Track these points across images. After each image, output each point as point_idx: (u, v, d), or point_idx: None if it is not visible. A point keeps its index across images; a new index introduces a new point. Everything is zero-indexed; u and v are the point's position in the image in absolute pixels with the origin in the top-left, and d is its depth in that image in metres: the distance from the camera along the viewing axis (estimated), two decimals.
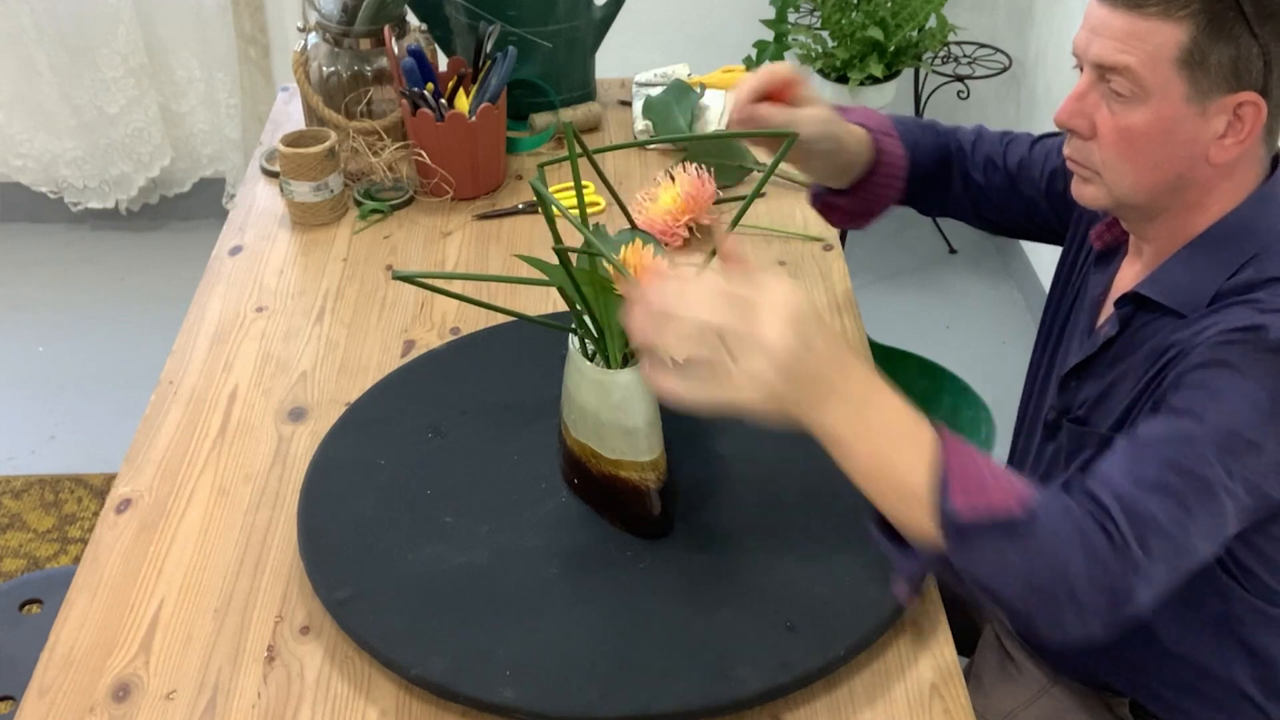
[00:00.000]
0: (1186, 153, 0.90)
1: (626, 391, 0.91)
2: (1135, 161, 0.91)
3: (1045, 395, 1.11)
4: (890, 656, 0.89)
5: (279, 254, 1.37)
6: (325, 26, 1.46)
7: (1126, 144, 0.90)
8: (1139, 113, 0.89)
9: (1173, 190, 0.93)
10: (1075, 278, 1.12)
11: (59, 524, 2.12)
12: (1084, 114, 0.92)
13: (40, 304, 2.71)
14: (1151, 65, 0.87)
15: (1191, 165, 0.90)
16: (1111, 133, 0.91)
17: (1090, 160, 0.94)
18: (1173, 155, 0.90)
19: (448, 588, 0.92)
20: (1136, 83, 0.88)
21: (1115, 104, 0.90)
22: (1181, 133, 0.89)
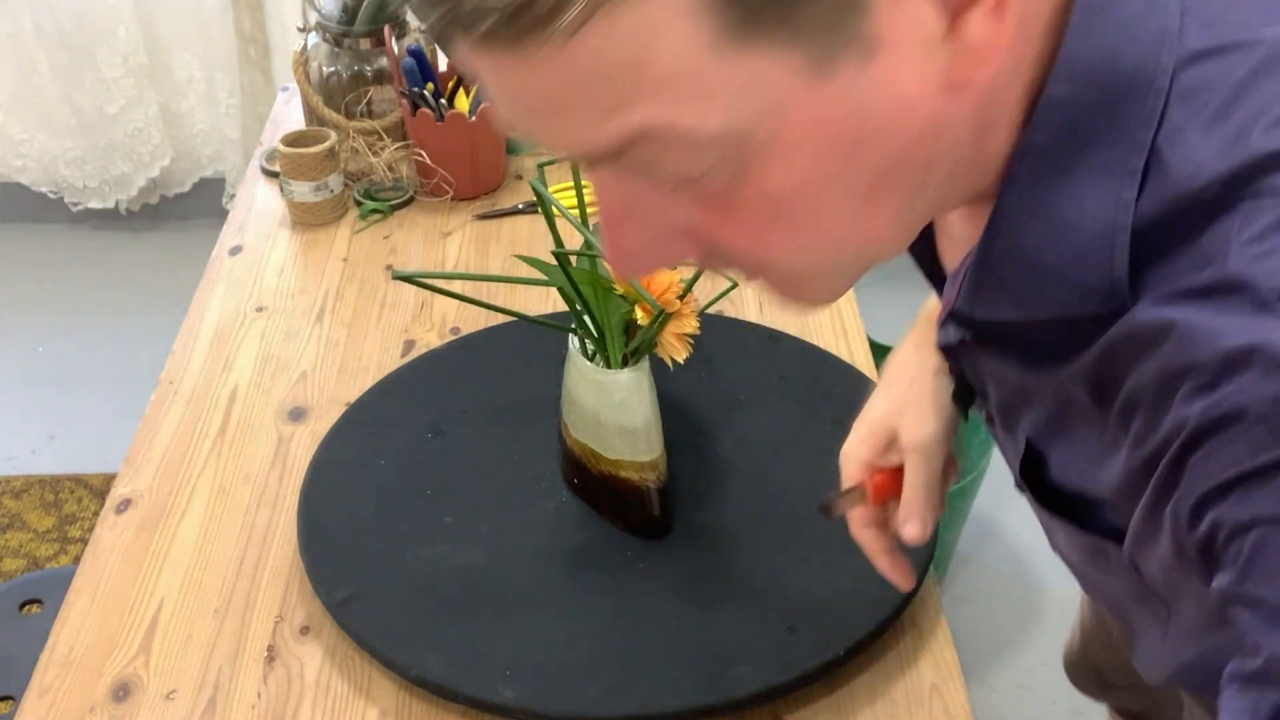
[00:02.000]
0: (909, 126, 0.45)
1: (626, 391, 0.91)
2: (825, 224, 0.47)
3: None
4: (890, 656, 0.89)
5: (279, 254, 1.37)
6: (325, 26, 1.46)
7: (786, 219, 0.46)
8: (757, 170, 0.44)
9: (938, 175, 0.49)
10: None
11: (59, 524, 2.12)
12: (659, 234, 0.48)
13: (40, 304, 2.71)
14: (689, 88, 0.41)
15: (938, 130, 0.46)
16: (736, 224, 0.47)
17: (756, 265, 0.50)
18: (885, 152, 0.45)
19: (448, 588, 0.92)
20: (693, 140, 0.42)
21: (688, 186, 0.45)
22: (860, 117, 0.43)
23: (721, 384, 1.11)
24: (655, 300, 0.87)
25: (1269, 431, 0.42)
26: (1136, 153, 0.47)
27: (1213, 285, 0.44)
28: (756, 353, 1.16)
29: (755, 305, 1.26)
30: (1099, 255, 0.48)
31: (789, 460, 1.02)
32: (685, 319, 0.90)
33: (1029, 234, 0.50)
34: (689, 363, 0.96)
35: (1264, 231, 0.43)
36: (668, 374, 1.02)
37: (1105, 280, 0.48)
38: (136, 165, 2.81)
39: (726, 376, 1.12)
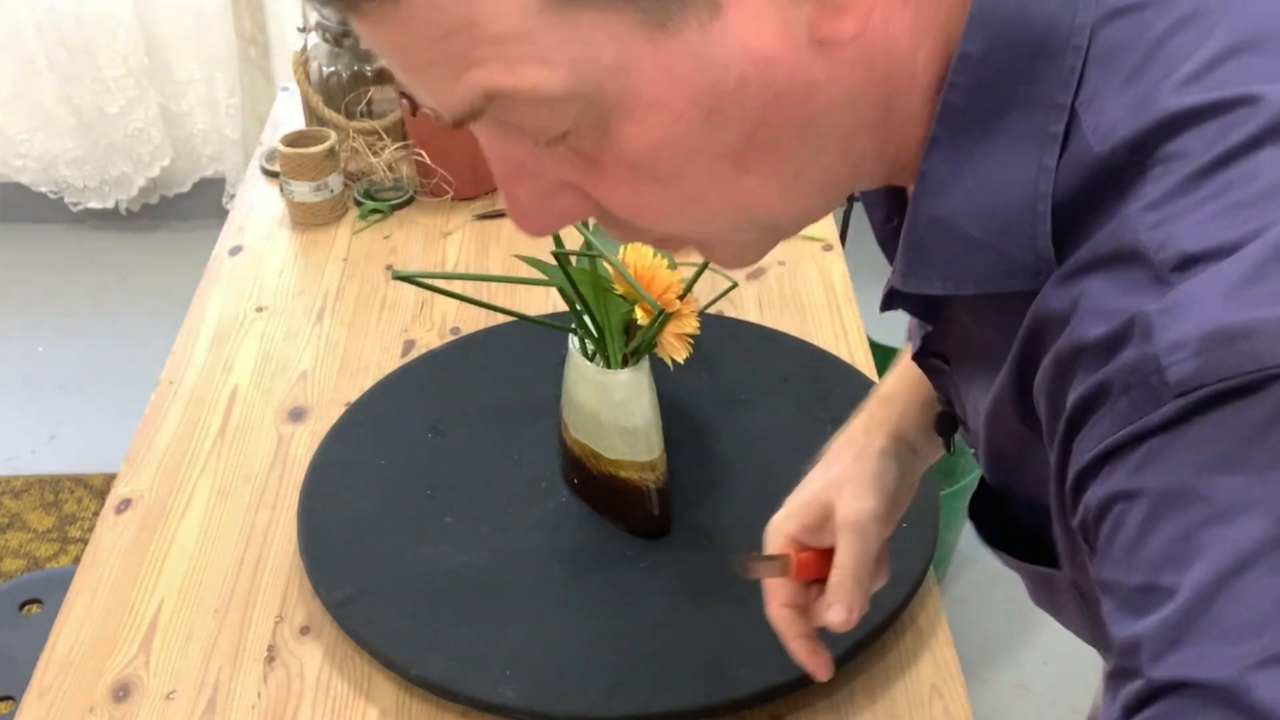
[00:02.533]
0: (769, 84, 0.43)
1: (626, 391, 0.91)
2: (695, 186, 0.46)
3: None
4: (890, 656, 0.89)
5: (279, 254, 1.37)
6: (325, 26, 1.46)
7: (654, 180, 0.45)
8: (611, 127, 0.44)
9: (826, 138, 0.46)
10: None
11: (59, 524, 2.12)
12: (546, 191, 0.48)
13: (40, 304, 2.71)
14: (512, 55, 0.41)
15: (806, 89, 0.44)
16: (610, 183, 0.46)
17: (640, 225, 0.49)
18: (746, 112, 0.44)
19: (448, 588, 0.92)
20: (532, 99, 0.42)
21: (558, 143, 0.45)
22: (713, 75, 0.42)
23: (721, 384, 1.11)
24: (655, 300, 0.87)
25: (1131, 402, 0.41)
26: (1055, 117, 0.45)
27: (1111, 257, 0.43)
28: (756, 353, 1.16)
29: (755, 305, 1.26)
30: (1021, 227, 0.46)
31: (789, 460, 1.02)
32: (685, 319, 0.90)
33: (952, 202, 0.48)
34: (689, 363, 0.96)
35: (1161, 198, 0.42)
36: (668, 374, 1.02)
37: (1029, 254, 0.46)
38: (136, 165, 2.81)
39: (726, 376, 1.12)
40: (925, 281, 0.51)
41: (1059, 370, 0.45)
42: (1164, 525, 0.39)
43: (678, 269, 0.89)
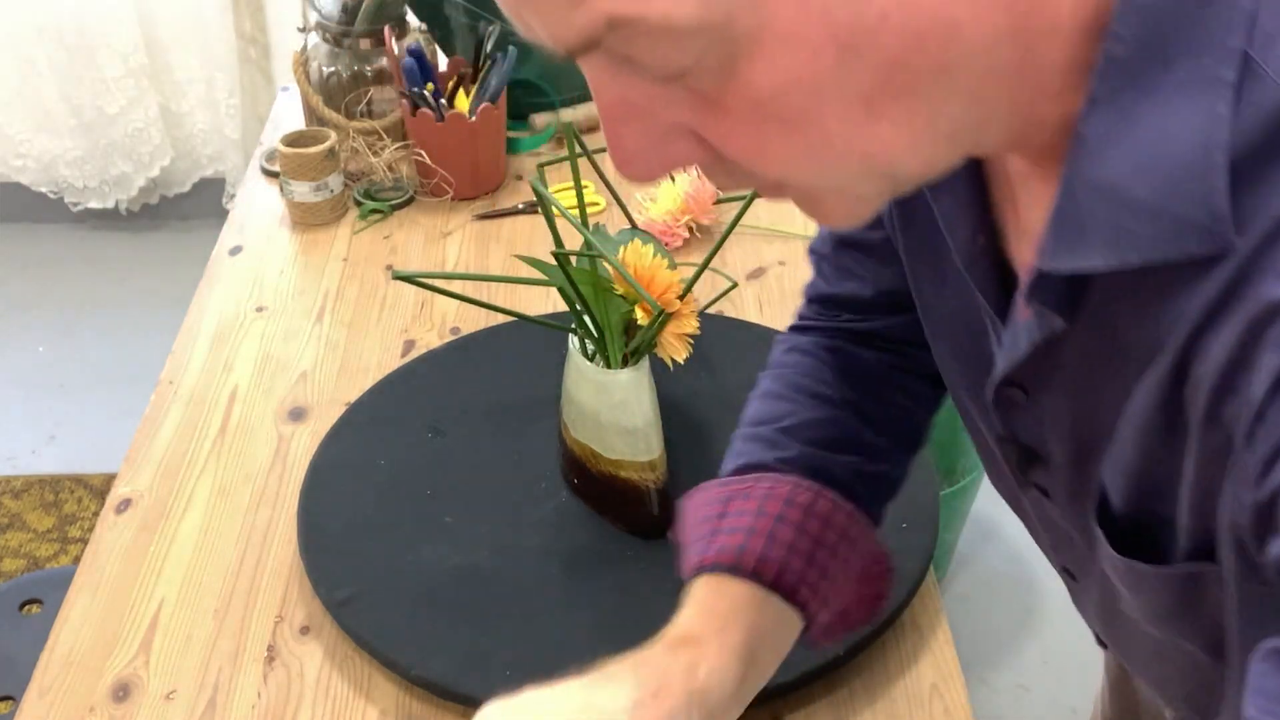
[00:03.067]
0: (911, 22, 0.40)
1: (626, 391, 0.91)
2: (823, 129, 0.43)
3: (979, 409, 0.65)
4: (890, 656, 0.89)
5: (279, 254, 1.37)
6: (325, 26, 1.46)
7: (780, 121, 0.43)
8: (745, 63, 0.41)
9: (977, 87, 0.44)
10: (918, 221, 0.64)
11: (59, 524, 2.12)
12: (659, 134, 0.46)
13: (40, 304, 2.71)
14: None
15: (949, 29, 0.41)
16: (730, 124, 0.44)
17: (758, 172, 0.46)
18: (885, 51, 0.41)
19: (448, 588, 0.92)
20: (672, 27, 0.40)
21: (675, 81, 0.43)
22: (854, 9, 0.40)
23: (721, 384, 1.11)
24: (655, 300, 0.87)
25: None
26: (1228, 61, 0.41)
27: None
28: (756, 353, 1.15)
29: (755, 305, 1.26)
30: (1194, 183, 0.42)
31: None
32: (685, 319, 0.90)
33: (1114, 164, 0.44)
34: (689, 363, 0.96)
35: None
36: (668, 374, 1.02)
37: (1203, 212, 0.42)
38: (136, 165, 2.81)
39: (726, 376, 1.12)
40: (1083, 255, 0.46)
41: (1255, 323, 0.40)
42: None
43: (678, 269, 0.89)
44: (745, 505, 0.71)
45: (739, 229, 1.36)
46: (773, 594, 0.69)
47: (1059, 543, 0.64)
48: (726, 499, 0.73)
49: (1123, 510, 0.53)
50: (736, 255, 1.33)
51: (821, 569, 0.70)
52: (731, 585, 0.69)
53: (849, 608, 0.73)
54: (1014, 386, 0.56)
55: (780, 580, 0.69)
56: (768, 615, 0.69)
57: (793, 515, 0.70)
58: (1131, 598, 0.57)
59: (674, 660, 0.65)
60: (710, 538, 0.71)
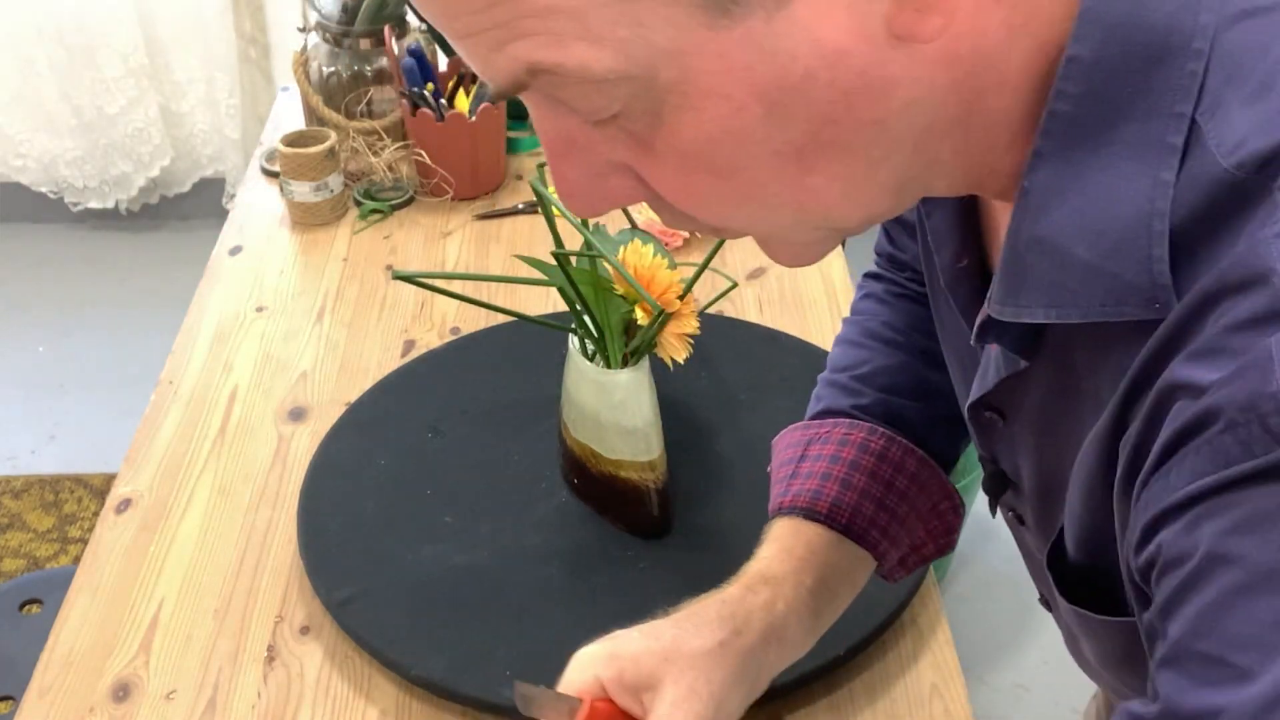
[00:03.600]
0: (839, 80, 0.40)
1: (626, 391, 0.91)
2: (753, 180, 0.43)
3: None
4: (890, 656, 0.89)
5: (279, 254, 1.37)
6: (325, 26, 1.46)
7: (709, 171, 0.43)
8: (669, 112, 0.41)
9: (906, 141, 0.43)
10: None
11: (59, 524, 2.12)
12: (597, 170, 0.46)
13: (40, 304, 2.71)
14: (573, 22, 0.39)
15: (881, 87, 0.41)
16: (662, 169, 0.44)
17: (692, 215, 0.46)
18: (813, 108, 0.41)
19: (448, 588, 0.92)
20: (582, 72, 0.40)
21: (609, 124, 0.43)
22: (778, 67, 0.39)
23: (721, 384, 1.11)
24: (655, 300, 0.87)
25: (1236, 441, 0.37)
26: (1175, 128, 0.41)
27: (1240, 284, 0.38)
28: (756, 353, 1.16)
29: (755, 305, 1.26)
30: (1134, 247, 0.41)
31: None
32: (685, 319, 0.90)
33: (1057, 220, 0.43)
34: (689, 363, 0.96)
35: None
36: (668, 374, 1.02)
37: (1143, 277, 0.41)
38: (136, 165, 2.81)
39: (726, 376, 1.12)
40: (1026, 309, 0.46)
41: (1160, 399, 0.41)
42: (1256, 604, 0.36)
43: (677, 269, 0.89)
44: (823, 450, 0.75)
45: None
46: (845, 537, 0.72)
47: (1034, 571, 0.64)
48: (807, 442, 0.76)
49: (1074, 556, 0.53)
50: (736, 255, 1.33)
51: (892, 512, 0.73)
52: (807, 528, 0.72)
53: (920, 544, 0.76)
54: (992, 409, 0.56)
55: (853, 524, 0.72)
56: (841, 556, 0.72)
57: (866, 461, 0.73)
58: (1085, 643, 0.57)
59: (754, 598, 0.67)
60: (790, 480, 0.75)
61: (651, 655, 0.63)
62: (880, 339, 0.80)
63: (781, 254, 0.50)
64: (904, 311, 0.81)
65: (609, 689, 0.63)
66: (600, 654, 0.65)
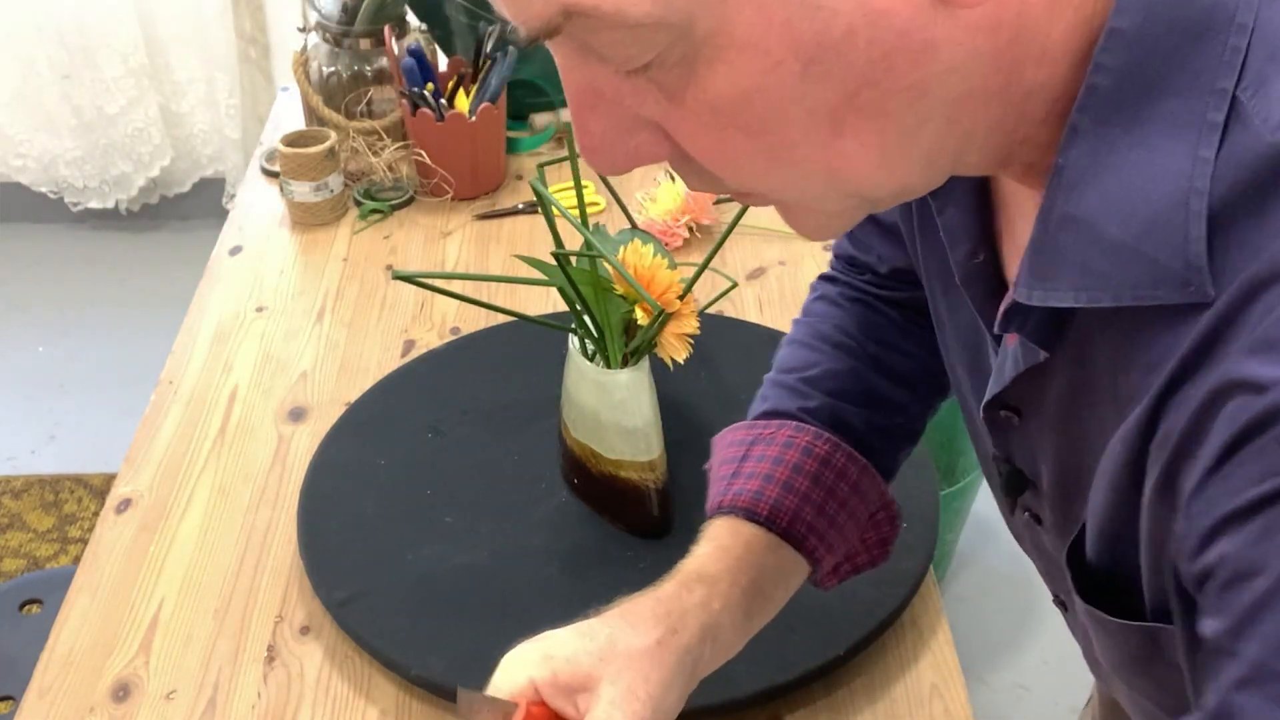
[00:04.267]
0: (880, 40, 0.39)
1: (626, 391, 0.91)
2: (784, 141, 0.42)
3: (978, 431, 0.64)
4: (890, 656, 0.89)
5: (279, 254, 1.37)
6: (325, 26, 1.46)
7: (741, 128, 0.42)
8: (710, 65, 0.40)
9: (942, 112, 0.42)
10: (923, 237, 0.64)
11: (59, 524, 2.12)
12: (624, 125, 0.44)
13: (40, 304, 2.71)
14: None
15: (922, 51, 0.40)
16: (692, 124, 0.43)
17: (720, 176, 0.45)
18: (851, 68, 0.40)
19: (448, 588, 0.92)
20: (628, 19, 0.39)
21: (640, 74, 0.42)
22: (819, 24, 0.39)
23: (721, 384, 1.11)
24: (655, 300, 0.87)
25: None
26: (1216, 104, 0.40)
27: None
28: (756, 353, 1.15)
29: (755, 305, 1.26)
30: (1170, 227, 0.40)
31: None
32: (685, 319, 0.90)
33: (1090, 199, 0.42)
34: (689, 363, 0.96)
35: None
36: (668, 374, 1.02)
37: (1178, 260, 0.40)
38: (136, 165, 2.81)
39: (726, 376, 1.12)
40: (1055, 292, 0.44)
41: (1213, 396, 0.39)
42: None
43: (677, 269, 0.89)
44: (767, 451, 0.74)
45: (739, 229, 1.36)
46: (783, 541, 0.71)
47: (1049, 571, 0.63)
48: (750, 442, 0.75)
49: (1093, 557, 0.52)
50: (736, 255, 1.33)
51: (831, 519, 0.72)
52: (746, 528, 0.71)
53: (854, 553, 0.75)
54: (1007, 408, 0.55)
55: (792, 528, 0.71)
56: (778, 560, 0.71)
57: (809, 465, 0.72)
58: (1099, 645, 0.56)
59: (690, 596, 0.66)
60: (731, 479, 0.74)
61: (587, 655, 0.62)
62: (831, 342, 0.79)
63: (807, 223, 0.49)
64: (857, 316, 0.80)
65: (542, 691, 0.62)
66: (532, 655, 0.64)
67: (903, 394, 0.79)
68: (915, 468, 1.01)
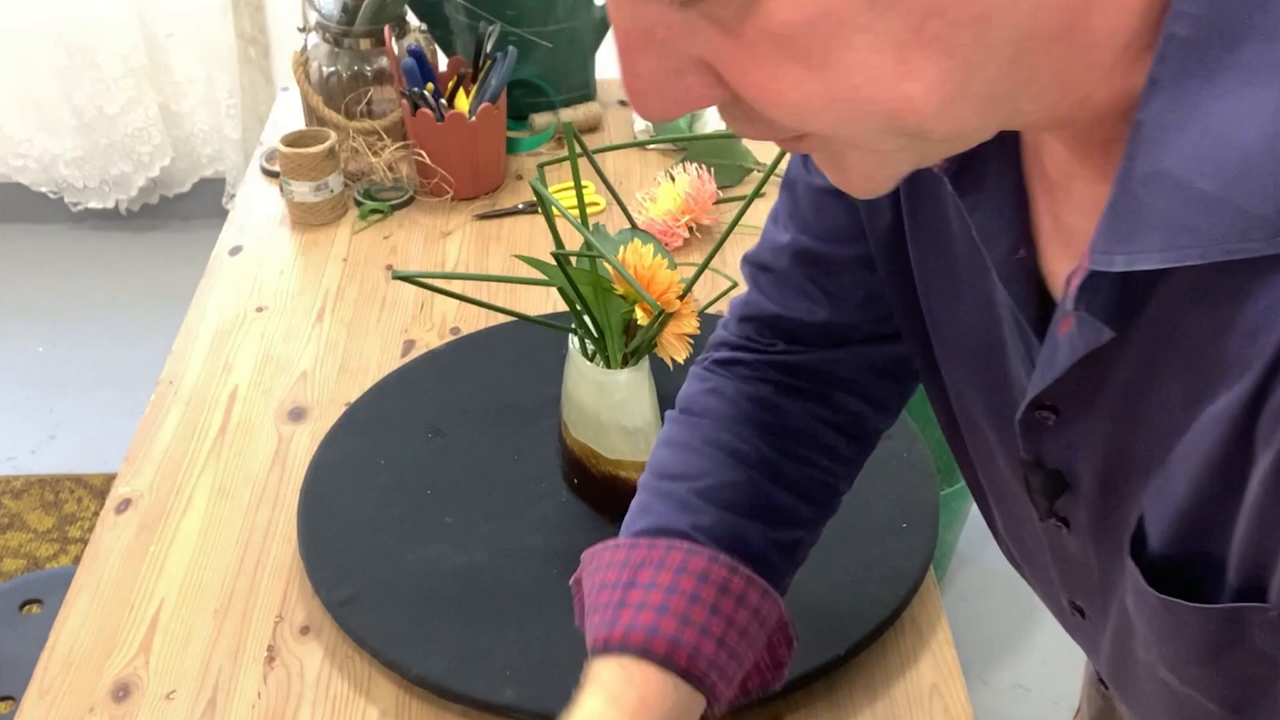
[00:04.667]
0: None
1: (626, 391, 0.91)
2: (846, 73, 0.41)
3: (997, 433, 0.62)
4: (890, 656, 0.89)
5: (279, 254, 1.37)
6: (325, 26, 1.46)
7: (802, 60, 0.40)
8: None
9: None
10: (936, 234, 0.61)
11: (59, 524, 2.12)
12: (674, 65, 0.43)
13: (40, 304, 2.71)
14: None
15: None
16: (749, 59, 0.41)
17: (775, 116, 0.43)
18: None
19: (448, 588, 0.92)
20: None
21: (693, 6, 0.41)
22: None
23: None
24: (655, 300, 0.87)
25: None
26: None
27: None
28: None
29: None
30: (1260, 174, 0.39)
31: None
32: (685, 319, 0.90)
33: (1175, 152, 0.41)
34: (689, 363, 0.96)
35: None
36: (668, 374, 1.02)
37: (1268, 207, 0.39)
38: (136, 165, 2.81)
39: None
40: (1140, 253, 0.42)
41: None
42: None
43: (677, 269, 0.89)
44: (658, 578, 0.68)
45: (739, 229, 1.36)
46: (682, 681, 0.66)
47: (1071, 577, 0.61)
48: (637, 565, 0.69)
49: (1160, 548, 0.50)
50: (736, 255, 1.33)
51: (731, 651, 0.68)
52: (639, 672, 0.66)
53: (746, 677, 0.71)
54: (1044, 409, 0.53)
55: (692, 667, 0.66)
56: (675, 704, 0.66)
57: (707, 594, 0.67)
58: (1155, 640, 0.53)
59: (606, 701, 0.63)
60: (618, 609, 0.68)
61: None
62: (725, 449, 0.73)
63: (859, 171, 0.46)
64: (755, 421, 0.74)
65: None
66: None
67: (804, 509, 0.75)
68: (915, 468, 1.01)
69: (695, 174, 1.35)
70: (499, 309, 0.98)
